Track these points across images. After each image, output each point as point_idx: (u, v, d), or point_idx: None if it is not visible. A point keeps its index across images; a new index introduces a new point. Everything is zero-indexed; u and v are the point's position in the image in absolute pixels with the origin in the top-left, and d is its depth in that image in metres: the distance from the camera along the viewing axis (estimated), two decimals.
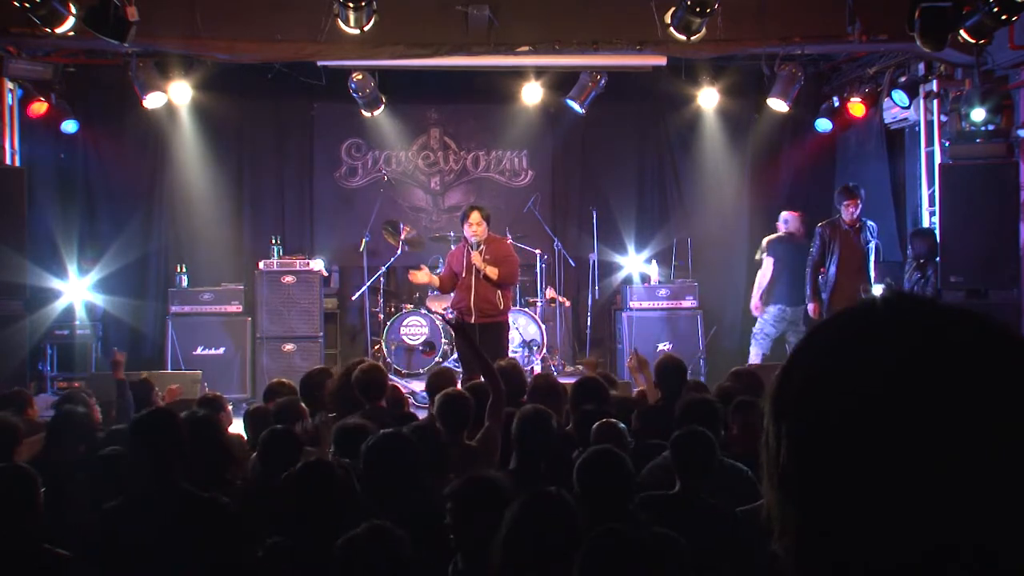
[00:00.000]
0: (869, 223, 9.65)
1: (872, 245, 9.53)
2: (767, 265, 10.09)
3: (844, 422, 0.85)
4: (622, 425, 4.81)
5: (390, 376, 7.29)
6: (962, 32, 7.66)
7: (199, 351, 10.42)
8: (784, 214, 10.48)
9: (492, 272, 8.24)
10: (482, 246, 8.31)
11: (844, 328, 0.91)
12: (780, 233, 10.35)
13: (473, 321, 8.14)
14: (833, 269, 9.40)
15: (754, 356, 10.04)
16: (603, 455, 3.74)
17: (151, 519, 3.63)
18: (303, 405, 5.65)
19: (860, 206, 9.49)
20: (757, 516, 3.74)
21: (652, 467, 4.52)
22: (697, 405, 4.81)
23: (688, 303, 10.99)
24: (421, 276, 8.81)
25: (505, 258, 8.44)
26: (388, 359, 10.42)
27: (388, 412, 5.51)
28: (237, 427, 6.28)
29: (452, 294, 8.75)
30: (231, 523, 3.69)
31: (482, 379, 5.38)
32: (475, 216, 8.35)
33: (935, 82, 9.71)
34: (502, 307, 8.37)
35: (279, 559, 3.46)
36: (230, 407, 6.47)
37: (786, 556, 0.89)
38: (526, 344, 10.46)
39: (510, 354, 8.85)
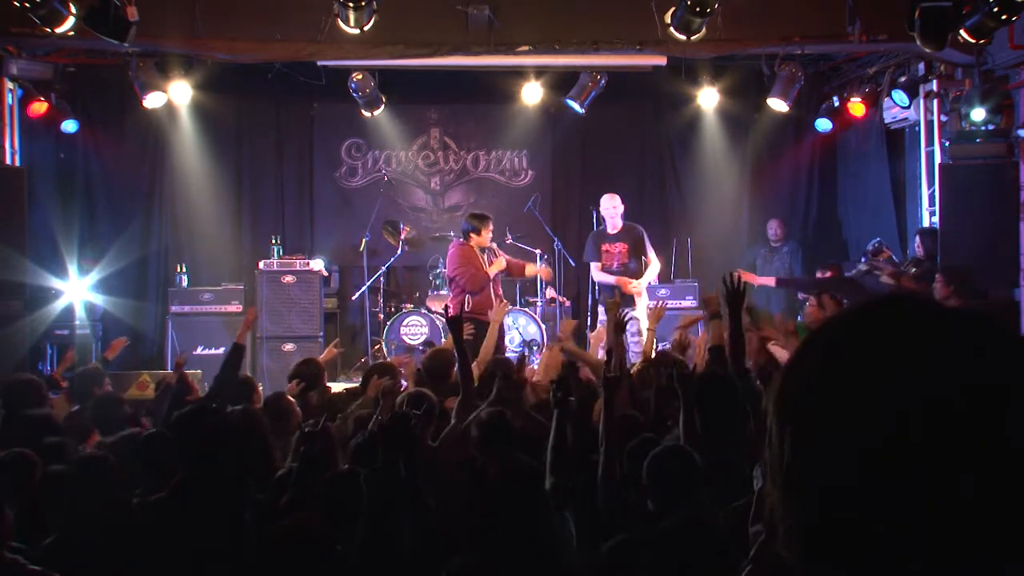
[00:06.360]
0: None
1: None
2: None
3: (848, 423, 0.85)
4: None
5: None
6: (962, 32, 7.65)
7: (199, 351, 10.41)
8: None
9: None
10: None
11: (846, 330, 0.91)
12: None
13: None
14: None
15: None
16: (672, 451, 3.77)
17: (189, 513, 3.68)
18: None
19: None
20: None
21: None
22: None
23: (688, 303, 10.98)
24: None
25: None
26: (388, 359, 10.41)
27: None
28: None
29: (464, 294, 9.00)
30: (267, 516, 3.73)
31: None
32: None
33: (935, 82, 9.71)
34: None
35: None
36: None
37: (790, 557, 0.90)
38: (526, 344, 10.45)
39: (509, 354, 8.87)
